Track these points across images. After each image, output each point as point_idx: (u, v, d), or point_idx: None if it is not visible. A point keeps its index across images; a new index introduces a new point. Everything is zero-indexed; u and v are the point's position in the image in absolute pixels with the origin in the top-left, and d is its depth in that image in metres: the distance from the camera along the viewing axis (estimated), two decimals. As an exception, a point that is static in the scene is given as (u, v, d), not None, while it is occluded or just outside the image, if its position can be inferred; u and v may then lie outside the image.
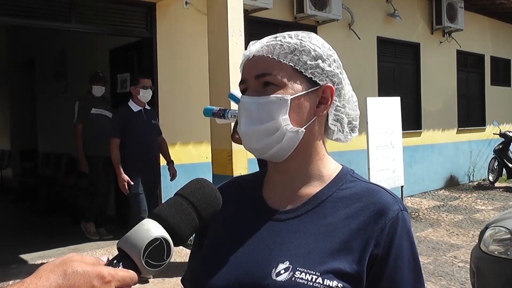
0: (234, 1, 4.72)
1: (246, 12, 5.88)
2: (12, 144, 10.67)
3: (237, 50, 4.68)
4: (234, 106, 3.61)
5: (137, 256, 0.70)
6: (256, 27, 6.44)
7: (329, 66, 0.93)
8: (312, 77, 0.92)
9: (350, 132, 0.99)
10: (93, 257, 0.69)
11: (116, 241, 0.75)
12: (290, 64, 0.91)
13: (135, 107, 4.75)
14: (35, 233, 6.44)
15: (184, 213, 0.76)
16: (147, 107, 4.86)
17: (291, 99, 0.89)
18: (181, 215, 0.76)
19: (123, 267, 0.70)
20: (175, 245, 0.74)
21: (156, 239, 0.71)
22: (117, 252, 0.73)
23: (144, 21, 5.77)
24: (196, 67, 5.81)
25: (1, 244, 5.63)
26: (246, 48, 0.98)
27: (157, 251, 0.71)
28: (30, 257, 5.24)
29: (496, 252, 3.21)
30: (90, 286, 0.64)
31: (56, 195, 7.86)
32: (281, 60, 0.91)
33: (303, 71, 0.91)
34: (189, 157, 5.96)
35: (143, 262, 0.70)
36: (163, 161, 5.68)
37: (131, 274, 0.69)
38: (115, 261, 0.71)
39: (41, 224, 7.00)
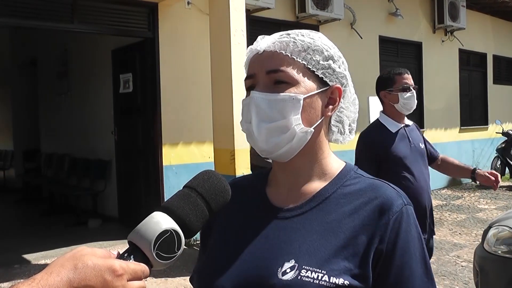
0: (236, 1, 4.72)
1: (248, 12, 5.88)
2: (15, 145, 10.69)
3: (239, 50, 4.67)
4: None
5: (148, 249, 0.70)
6: (258, 27, 6.43)
7: (339, 67, 0.93)
8: (323, 77, 0.91)
9: (348, 134, 1.00)
10: (104, 249, 0.69)
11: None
12: (303, 62, 0.89)
13: (392, 125, 2.82)
14: (38, 233, 6.45)
15: (193, 204, 0.76)
16: (407, 122, 2.88)
17: (303, 98, 0.88)
18: (190, 206, 0.76)
19: (134, 260, 0.69)
20: (186, 237, 0.74)
21: (166, 231, 0.71)
22: (128, 246, 0.73)
23: (146, 22, 5.77)
24: (198, 67, 5.81)
25: (4, 244, 5.64)
26: (247, 48, 0.96)
27: (167, 243, 0.71)
28: (33, 257, 5.25)
29: (499, 252, 3.20)
30: (101, 280, 0.64)
31: (59, 195, 7.88)
32: (294, 57, 0.89)
33: (315, 70, 0.90)
34: (192, 157, 5.96)
35: (154, 255, 0.70)
36: (165, 161, 5.69)
37: (142, 267, 0.69)
38: (126, 254, 0.70)
39: (43, 224, 7.00)
